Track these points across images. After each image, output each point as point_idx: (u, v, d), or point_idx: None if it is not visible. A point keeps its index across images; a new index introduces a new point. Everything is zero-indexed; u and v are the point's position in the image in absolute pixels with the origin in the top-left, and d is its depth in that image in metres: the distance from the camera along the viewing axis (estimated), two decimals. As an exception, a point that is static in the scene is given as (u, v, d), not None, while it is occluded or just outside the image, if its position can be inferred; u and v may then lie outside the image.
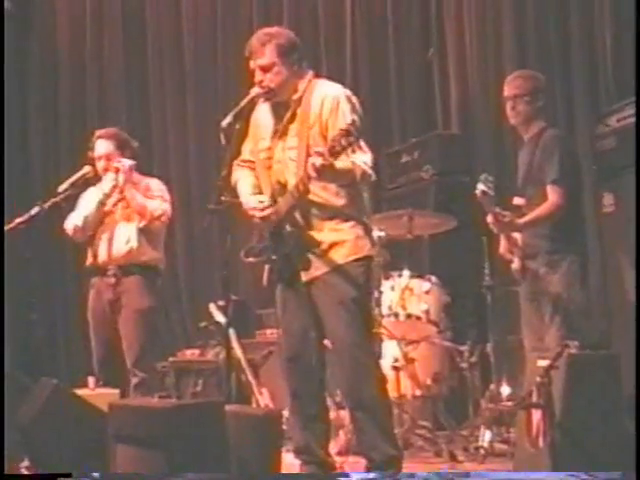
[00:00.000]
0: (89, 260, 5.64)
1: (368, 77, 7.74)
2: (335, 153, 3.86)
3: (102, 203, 5.56)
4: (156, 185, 5.70)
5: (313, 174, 3.95)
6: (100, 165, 5.57)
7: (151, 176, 5.84)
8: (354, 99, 4.28)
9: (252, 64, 4.24)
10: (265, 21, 7.57)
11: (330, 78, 4.47)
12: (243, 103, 4.17)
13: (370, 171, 4.18)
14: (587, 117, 6.07)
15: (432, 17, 7.42)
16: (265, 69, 4.20)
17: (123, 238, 5.52)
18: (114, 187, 5.52)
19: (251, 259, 4.32)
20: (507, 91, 5.11)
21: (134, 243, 5.51)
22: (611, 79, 6.04)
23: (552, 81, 5.75)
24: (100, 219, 5.59)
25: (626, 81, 5.87)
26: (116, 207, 5.59)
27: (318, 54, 7.94)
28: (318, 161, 3.92)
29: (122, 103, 9.24)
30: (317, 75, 4.39)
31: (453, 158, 6.87)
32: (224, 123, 4.09)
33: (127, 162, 5.51)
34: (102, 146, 5.59)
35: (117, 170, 5.50)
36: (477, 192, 4.74)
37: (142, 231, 5.52)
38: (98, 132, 5.70)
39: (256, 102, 4.33)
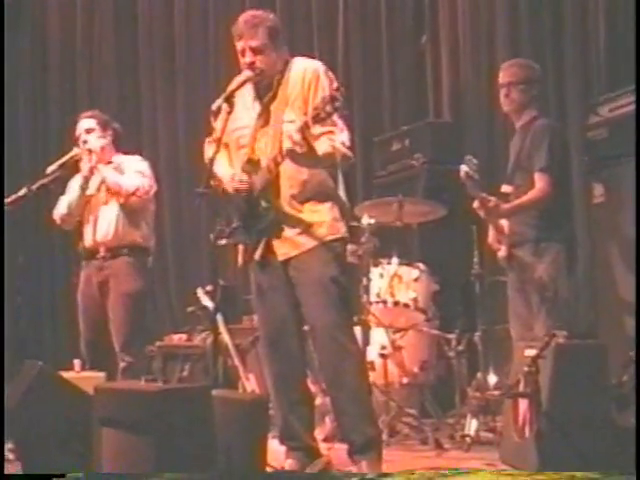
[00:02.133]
0: (80, 244, 5.63)
1: (360, 64, 7.72)
2: (319, 120, 3.86)
3: (83, 187, 5.53)
4: (135, 162, 5.67)
5: (289, 145, 3.94)
6: (82, 141, 5.53)
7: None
8: (330, 74, 4.25)
9: (240, 45, 4.22)
10: (257, 6, 7.52)
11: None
12: (234, 86, 4.14)
13: (350, 153, 4.18)
14: (579, 107, 6.05)
15: (425, 5, 7.40)
16: (256, 51, 4.18)
17: (107, 220, 5.50)
18: (90, 169, 5.49)
19: (222, 242, 4.28)
20: (502, 78, 5.10)
21: (117, 223, 5.48)
22: (603, 69, 6.03)
23: (545, 70, 5.73)
24: (84, 203, 5.57)
25: (618, 71, 5.87)
26: (99, 190, 5.57)
27: (310, 41, 7.93)
28: (296, 136, 3.90)
29: (112, 87, 9.22)
30: (293, 54, 4.36)
31: (444, 146, 6.84)
32: (214, 106, 4.06)
33: (98, 142, 5.50)
34: (84, 123, 5.58)
35: (90, 152, 5.48)
36: (461, 174, 4.73)
37: (123, 210, 5.49)
38: (80, 115, 5.70)
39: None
